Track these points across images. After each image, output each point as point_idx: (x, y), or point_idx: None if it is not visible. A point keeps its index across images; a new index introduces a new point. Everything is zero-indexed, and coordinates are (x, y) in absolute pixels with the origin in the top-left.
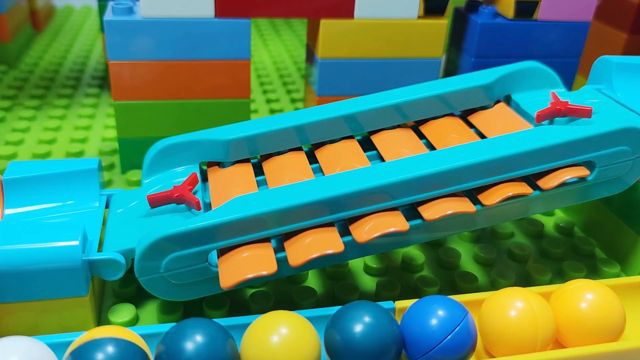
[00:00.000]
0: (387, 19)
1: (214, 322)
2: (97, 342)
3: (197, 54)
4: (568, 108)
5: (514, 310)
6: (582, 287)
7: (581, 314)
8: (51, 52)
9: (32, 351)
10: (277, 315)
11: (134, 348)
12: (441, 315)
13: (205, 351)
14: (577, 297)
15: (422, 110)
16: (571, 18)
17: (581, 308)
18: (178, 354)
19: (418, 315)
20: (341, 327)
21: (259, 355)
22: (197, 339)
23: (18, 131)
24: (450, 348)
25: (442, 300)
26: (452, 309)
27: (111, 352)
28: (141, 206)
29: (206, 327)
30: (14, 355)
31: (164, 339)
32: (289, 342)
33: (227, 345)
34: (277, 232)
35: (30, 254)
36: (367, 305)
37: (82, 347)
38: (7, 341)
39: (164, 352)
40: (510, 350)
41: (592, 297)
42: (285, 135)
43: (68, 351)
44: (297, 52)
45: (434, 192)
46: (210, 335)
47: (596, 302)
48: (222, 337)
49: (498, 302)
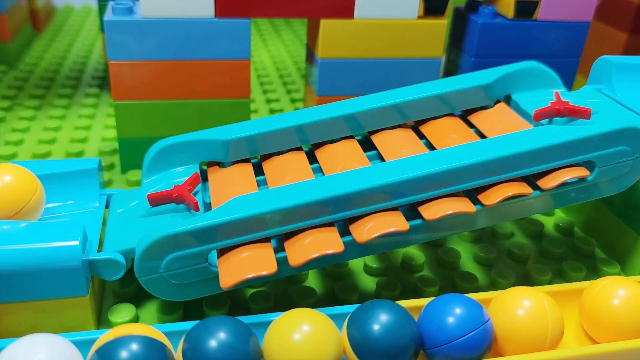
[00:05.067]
0: (387, 19)
1: (237, 320)
2: (122, 340)
3: (197, 54)
4: (566, 108)
5: (523, 310)
6: (614, 284)
7: (614, 311)
8: (51, 52)
9: (59, 349)
10: (299, 312)
11: (157, 345)
12: (463, 314)
13: (229, 348)
14: (610, 293)
15: (422, 110)
16: (571, 18)
17: (614, 305)
18: (203, 351)
19: (440, 309)
20: (360, 325)
21: (282, 352)
22: (220, 336)
23: (18, 131)
24: (467, 346)
25: (466, 299)
26: (475, 310)
27: (136, 349)
28: (141, 206)
29: (230, 324)
30: (41, 352)
31: (187, 336)
32: (311, 339)
33: (250, 342)
34: (277, 232)
35: (30, 254)
36: (387, 304)
37: (107, 345)
38: (34, 339)
39: (189, 348)
40: (520, 349)
41: (624, 293)
42: (285, 135)
43: (93, 349)
44: (297, 52)
45: (434, 192)
46: (234, 332)
47: (631, 298)
48: (245, 335)
49: (508, 301)
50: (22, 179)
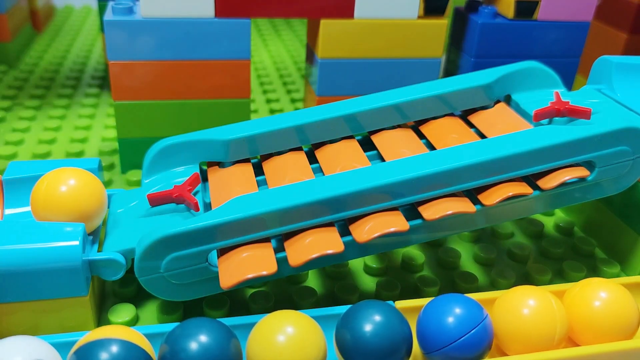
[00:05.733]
0: (387, 19)
1: (218, 322)
2: (101, 342)
3: (197, 54)
4: (566, 108)
5: (531, 309)
6: (596, 286)
7: (596, 312)
8: (51, 52)
9: (36, 351)
10: (283, 314)
11: (137, 349)
12: (461, 313)
13: (209, 351)
14: (592, 295)
15: (422, 110)
16: (571, 18)
17: (596, 306)
18: (182, 353)
19: (437, 310)
20: (351, 326)
21: (265, 355)
22: (201, 339)
23: (18, 131)
24: (467, 346)
25: (463, 299)
26: (472, 309)
27: (115, 352)
28: (141, 206)
29: (210, 326)
30: (18, 355)
31: (167, 338)
32: (294, 341)
33: (231, 344)
34: (277, 232)
35: (30, 254)
36: (378, 304)
37: (86, 347)
38: (11, 341)
39: (168, 352)
40: (527, 348)
41: (607, 295)
42: (285, 135)
43: (72, 351)
44: (297, 52)
45: (434, 192)
46: (214, 335)
47: (611, 300)
48: (226, 337)
49: (514, 301)
50: (90, 184)
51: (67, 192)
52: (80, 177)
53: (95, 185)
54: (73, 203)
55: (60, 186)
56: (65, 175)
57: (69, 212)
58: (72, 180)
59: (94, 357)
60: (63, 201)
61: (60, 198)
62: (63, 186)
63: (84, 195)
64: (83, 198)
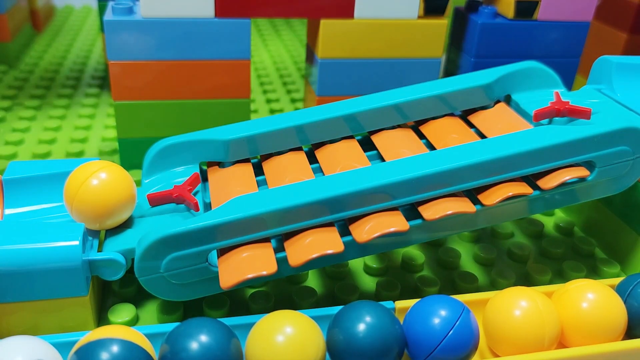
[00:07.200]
0: (387, 19)
1: (218, 322)
2: (102, 342)
3: (197, 54)
4: (566, 108)
5: (521, 309)
6: (583, 287)
7: (583, 314)
8: (51, 52)
9: (37, 351)
10: (282, 314)
11: (137, 349)
12: (440, 314)
13: (210, 351)
14: (579, 297)
15: (422, 110)
16: (571, 18)
17: (583, 308)
18: (182, 353)
19: (419, 315)
20: (343, 327)
21: (264, 355)
22: (201, 339)
23: (18, 131)
24: (452, 346)
25: (441, 299)
26: (450, 307)
27: (116, 351)
28: (141, 206)
29: (210, 326)
30: (18, 355)
31: (168, 338)
32: (294, 341)
33: (232, 344)
34: (277, 232)
35: (30, 254)
36: (370, 305)
37: (86, 347)
38: (11, 341)
39: (169, 351)
40: (517, 350)
41: (593, 296)
42: (285, 135)
43: (72, 351)
44: (297, 52)
45: (434, 192)
46: (214, 334)
47: (598, 301)
48: (226, 337)
49: (504, 301)
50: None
51: (116, 183)
52: (117, 171)
53: (128, 179)
54: (124, 192)
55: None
56: (111, 168)
57: (116, 204)
58: (117, 171)
59: (95, 357)
60: (111, 192)
61: (112, 188)
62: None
63: (121, 189)
64: (122, 189)
